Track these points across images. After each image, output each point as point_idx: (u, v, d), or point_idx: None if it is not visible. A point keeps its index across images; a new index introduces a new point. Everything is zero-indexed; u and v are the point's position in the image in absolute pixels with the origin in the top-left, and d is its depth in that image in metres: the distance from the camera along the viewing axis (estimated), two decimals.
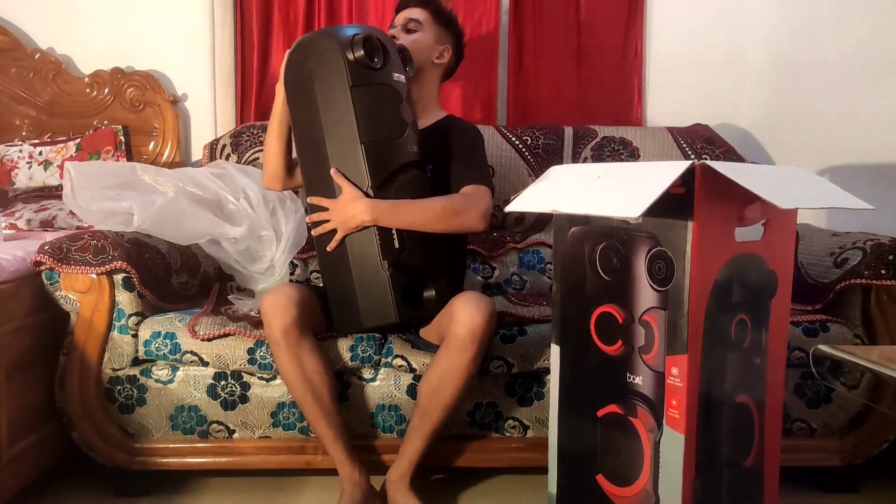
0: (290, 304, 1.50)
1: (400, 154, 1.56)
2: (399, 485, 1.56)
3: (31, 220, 2.13)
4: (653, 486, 1.19)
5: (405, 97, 1.58)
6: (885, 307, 1.68)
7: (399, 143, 1.55)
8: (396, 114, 1.55)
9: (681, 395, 1.12)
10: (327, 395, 1.55)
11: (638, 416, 1.20)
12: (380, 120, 1.53)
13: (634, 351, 1.20)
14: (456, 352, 1.49)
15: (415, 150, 1.59)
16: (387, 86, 1.54)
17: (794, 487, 1.74)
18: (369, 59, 1.51)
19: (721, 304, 1.15)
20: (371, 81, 1.52)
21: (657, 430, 1.17)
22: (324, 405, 1.55)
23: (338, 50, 1.50)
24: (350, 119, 1.50)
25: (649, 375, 1.18)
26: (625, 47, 2.50)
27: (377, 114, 1.52)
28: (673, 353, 1.13)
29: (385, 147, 1.54)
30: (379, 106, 1.53)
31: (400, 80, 1.59)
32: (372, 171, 1.52)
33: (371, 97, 1.52)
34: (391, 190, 1.54)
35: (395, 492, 1.56)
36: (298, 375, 1.52)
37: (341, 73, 1.49)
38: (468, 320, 1.47)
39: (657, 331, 1.15)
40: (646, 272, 1.16)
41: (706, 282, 1.12)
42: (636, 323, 1.19)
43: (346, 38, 1.50)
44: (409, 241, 1.55)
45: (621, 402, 1.22)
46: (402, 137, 1.55)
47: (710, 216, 1.10)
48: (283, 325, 1.49)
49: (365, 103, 1.50)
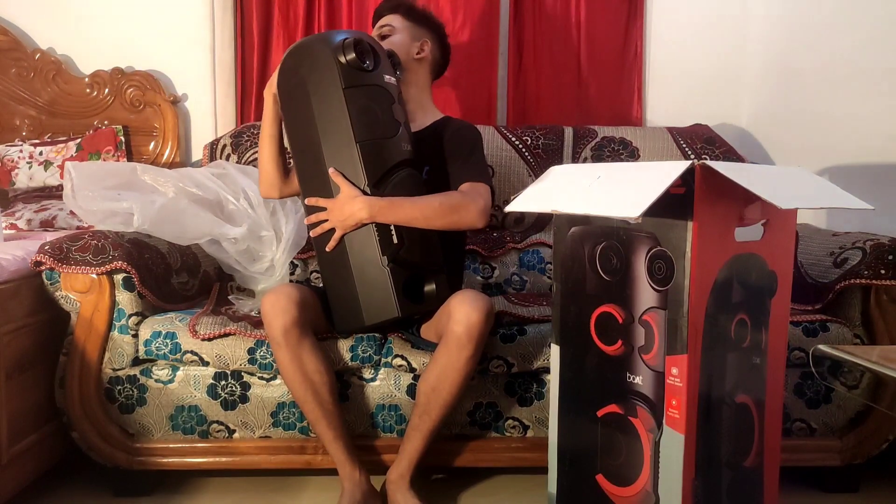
0: (290, 304, 1.50)
1: (394, 153, 1.59)
2: (399, 484, 1.56)
3: (32, 220, 2.13)
4: (653, 486, 1.19)
5: (397, 98, 1.62)
6: (885, 307, 1.68)
7: (393, 141, 1.58)
8: (389, 114, 1.58)
9: (681, 395, 1.13)
10: (328, 394, 1.55)
11: (638, 416, 1.20)
12: (373, 120, 1.56)
13: (634, 351, 1.20)
14: (454, 350, 1.49)
15: (408, 149, 1.62)
16: (378, 87, 1.58)
17: (794, 487, 1.74)
18: (360, 61, 1.55)
19: (721, 304, 1.15)
20: (363, 83, 1.55)
21: (657, 430, 1.17)
22: (324, 405, 1.55)
23: (330, 54, 1.53)
24: (345, 120, 1.53)
25: (649, 375, 1.18)
26: (625, 47, 2.50)
27: (370, 114, 1.55)
28: (673, 353, 1.13)
29: (379, 146, 1.56)
30: (372, 106, 1.56)
31: (391, 82, 1.63)
32: (368, 170, 1.54)
33: (364, 98, 1.55)
34: (387, 188, 1.56)
35: (395, 491, 1.56)
36: (299, 375, 1.52)
37: (334, 75, 1.53)
38: (465, 318, 1.47)
39: (657, 331, 1.15)
40: (646, 272, 1.16)
41: (706, 282, 1.12)
42: (636, 323, 1.19)
43: (338, 43, 1.55)
44: (407, 236, 1.57)
45: (621, 402, 1.23)
46: (395, 136, 1.58)
47: (711, 216, 1.10)
48: (283, 324, 1.49)
49: (358, 104, 1.54)
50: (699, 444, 1.15)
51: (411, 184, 1.61)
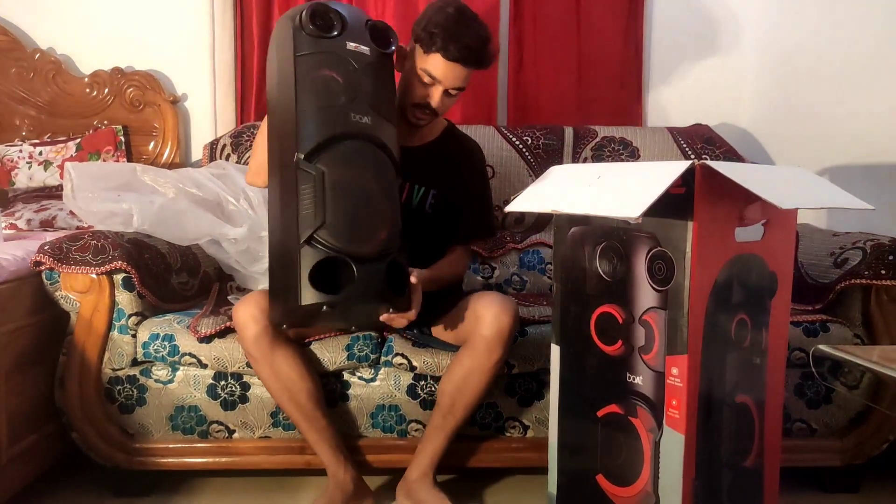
0: (259, 314, 1.47)
1: (339, 121, 1.42)
2: (423, 482, 1.57)
3: (31, 220, 2.13)
4: (653, 486, 1.18)
5: (363, 68, 1.46)
6: (885, 307, 1.67)
7: (339, 110, 1.42)
8: (344, 82, 1.44)
9: (681, 395, 1.12)
10: (306, 400, 1.54)
11: (638, 416, 1.20)
12: (321, 87, 1.42)
13: (634, 351, 1.20)
14: (483, 353, 1.49)
15: (366, 122, 1.44)
16: (334, 54, 1.44)
17: (795, 487, 1.74)
18: (315, 26, 1.43)
19: (721, 305, 1.15)
20: (318, 50, 1.43)
21: (657, 431, 1.17)
22: (304, 410, 1.55)
23: (287, 22, 1.45)
24: (291, 87, 1.41)
25: (649, 375, 1.18)
26: (625, 47, 2.50)
27: (319, 81, 1.42)
28: (673, 353, 1.13)
29: (323, 114, 1.41)
30: (321, 73, 1.43)
31: (359, 51, 1.47)
32: (302, 138, 1.39)
33: (315, 64, 1.43)
34: (325, 158, 1.38)
35: (419, 490, 1.57)
36: (274, 383, 1.53)
37: (289, 43, 1.43)
38: (495, 322, 1.47)
39: (657, 331, 1.15)
40: (646, 272, 1.16)
41: (706, 282, 1.12)
42: (636, 323, 1.19)
43: (296, 10, 1.45)
44: (334, 210, 1.37)
45: (621, 402, 1.22)
46: (346, 105, 1.42)
47: (711, 216, 1.10)
48: (252, 335, 1.48)
49: (306, 71, 1.42)
50: (699, 445, 1.15)
51: (363, 160, 1.43)
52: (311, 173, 1.36)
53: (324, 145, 1.38)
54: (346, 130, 1.41)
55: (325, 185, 1.36)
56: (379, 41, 1.51)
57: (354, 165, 1.40)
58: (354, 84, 1.44)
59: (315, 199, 1.35)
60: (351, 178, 1.39)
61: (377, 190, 1.42)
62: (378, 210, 1.41)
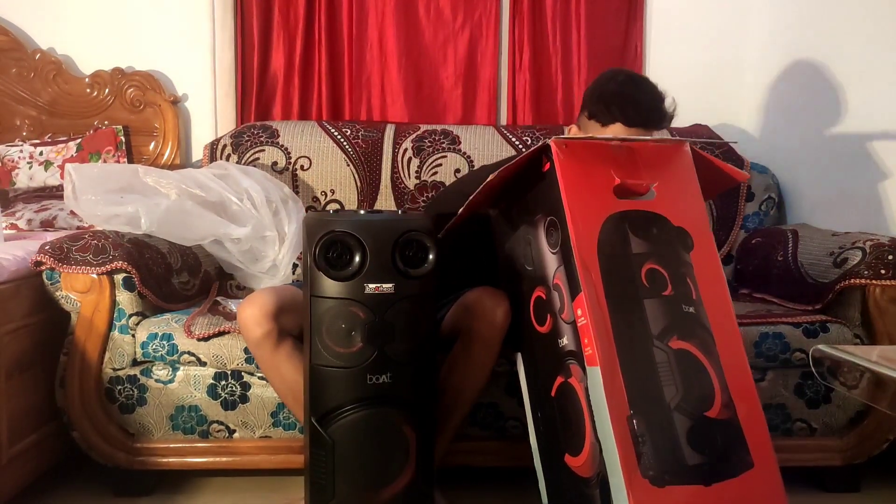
0: (262, 315, 1.45)
1: (343, 388, 1.32)
2: None
3: (32, 220, 2.13)
4: (594, 435, 1.18)
5: (383, 315, 1.29)
6: (884, 307, 1.67)
7: (347, 373, 1.31)
8: (354, 337, 1.30)
9: (587, 330, 1.18)
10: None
11: (572, 374, 1.23)
12: (333, 338, 1.30)
13: (557, 317, 1.26)
14: (480, 350, 1.49)
15: (382, 382, 1.32)
16: (345, 300, 1.29)
17: (795, 487, 1.73)
18: (328, 264, 1.28)
19: (616, 253, 1.24)
20: (325, 295, 1.29)
21: (584, 377, 1.19)
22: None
23: (307, 249, 1.31)
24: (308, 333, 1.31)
25: (568, 330, 1.23)
26: (625, 47, 2.51)
27: (333, 331, 1.30)
28: (575, 296, 1.20)
29: (333, 376, 1.32)
30: (331, 324, 1.30)
31: (383, 293, 1.28)
32: (313, 398, 1.34)
33: (327, 312, 1.30)
34: (334, 427, 1.33)
35: None
36: (280, 384, 1.53)
37: (308, 275, 1.32)
38: (490, 316, 1.45)
39: (564, 287, 1.24)
40: (546, 242, 1.29)
41: (589, 232, 1.22)
42: (552, 291, 1.27)
43: (316, 237, 1.28)
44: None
45: (562, 370, 1.26)
46: (355, 368, 1.31)
47: (575, 179, 1.25)
48: (256, 336, 1.46)
49: (319, 318, 1.30)
50: (627, 381, 1.16)
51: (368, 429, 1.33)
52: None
53: (331, 413, 1.32)
54: (362, 396, 1.32)
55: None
56: (412, 261, 1.32)
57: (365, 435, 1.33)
58: (370, 338, 1.30)
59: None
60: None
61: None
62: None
